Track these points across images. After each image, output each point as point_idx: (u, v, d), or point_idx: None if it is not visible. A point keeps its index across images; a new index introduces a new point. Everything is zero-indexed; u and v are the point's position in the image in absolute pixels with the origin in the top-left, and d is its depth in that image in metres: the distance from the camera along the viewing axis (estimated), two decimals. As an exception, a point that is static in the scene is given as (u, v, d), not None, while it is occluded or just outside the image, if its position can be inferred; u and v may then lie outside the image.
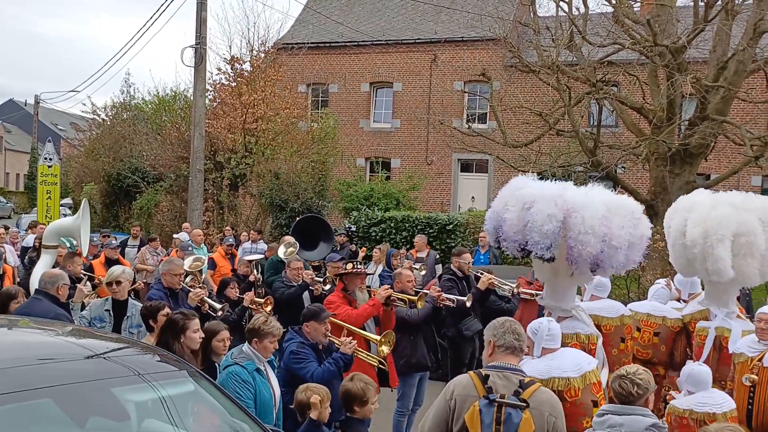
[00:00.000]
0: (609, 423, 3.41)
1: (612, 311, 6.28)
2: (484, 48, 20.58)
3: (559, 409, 3.39)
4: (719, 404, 4.49)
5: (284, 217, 16.31)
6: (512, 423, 3.28)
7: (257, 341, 4.70)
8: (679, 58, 12.35)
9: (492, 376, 3.43)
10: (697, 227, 5.50)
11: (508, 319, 3.69)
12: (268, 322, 4.77)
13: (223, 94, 19.36)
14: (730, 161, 16.59)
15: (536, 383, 3.42)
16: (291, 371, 5.16)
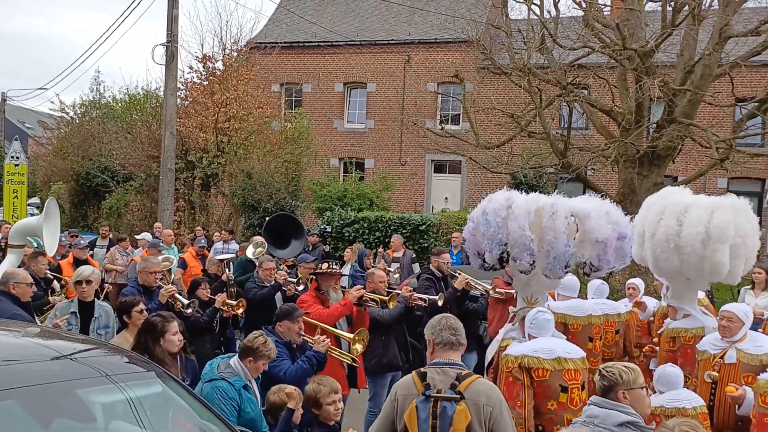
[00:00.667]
0: (588, 413, 3.51)
1: (580, 311, 6.39)
2: (458, 50, 20.74)
3: (496, 399, 3.41)
4: (688, 400, 4.61)
5: (257, 217, 16.22)
6: (447, 416, 3.34)
7: (251, 361, 4.62)
8: (647, 61, 12.56)
9: (430, 372, 3.51)
10: (696, 229, 5.55)
11: (445, 316, 3.72)
12: (267, 343, 4.66)
13: (194, 92, 19.18)
14: (697, 164, 16.95)
15: (473, 375, 3.45)
16: (265, 371, 5.15)
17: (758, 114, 14.11)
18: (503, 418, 3.40)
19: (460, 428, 3.32)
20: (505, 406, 3.46)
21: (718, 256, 5.50)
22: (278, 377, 5.00)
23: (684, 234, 5.60)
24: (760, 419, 3.81)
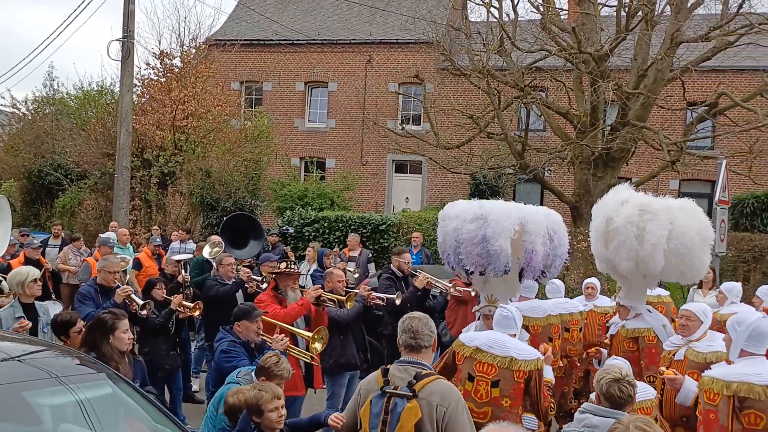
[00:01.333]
0: (585, 423, 3.52)
1: (539, 311, 6.49)
2: (418, 50, 20.86)
3: (451, 399, 3.39)
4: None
5: (215, 217, 16.02)
6: (396, 412, 3.38)
7: (264, 380, 4.49)
8: (602, 65, 12.85)
9: (393, 370, 3.56)
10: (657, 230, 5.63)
11: (408, 317, 3.73)
12: (280, 363, 4.52)
13: (151, 89, 18.83)
14: (649, 166, 17.38)
15: (433, 375, 3.48)
16: (222, 371, 5.07)
17: (708, 118, 14.58)
18: (458, 419, 3.37)
19: (407, 426, 3.33)
20: (463, 406, 3.44)
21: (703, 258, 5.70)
22: None
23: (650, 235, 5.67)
24: (705, 415, 3.89)
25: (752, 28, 12.28)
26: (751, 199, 16.23)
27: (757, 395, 3.66)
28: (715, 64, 15.26)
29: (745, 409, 3.69)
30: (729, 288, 7.25)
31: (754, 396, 3.67)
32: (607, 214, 5.93)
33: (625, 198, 5.96)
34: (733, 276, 12.50)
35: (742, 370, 3.80)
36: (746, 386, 3.69)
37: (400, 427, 3.35)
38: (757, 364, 3.83)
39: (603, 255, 6.07)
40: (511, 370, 4.54)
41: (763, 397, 3.65)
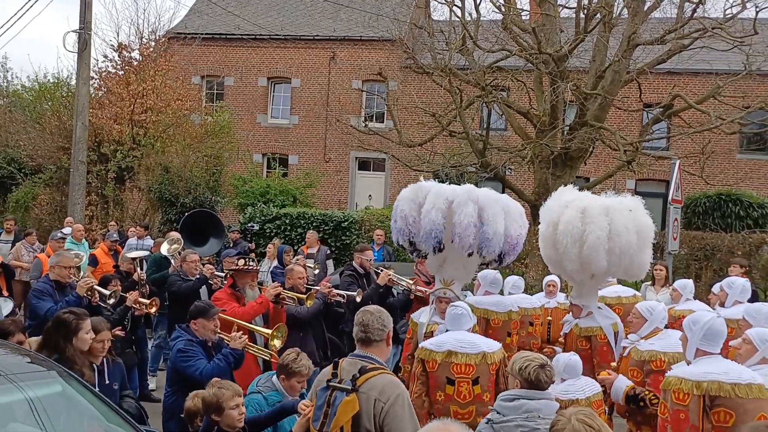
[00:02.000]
0: (525, 408, 3.55)
1: (501, 306, 6.61)
2: (382, 48, 20.87)
3: (391, 394, 3.39)
4: (581, 389, 4.83)
5: (174, 213, 15.79)
6: (335, 404, 3.41)
7: (284, 378, 4.47)
8: (561, 66, 13.06)
9: (344, 363, 3.57)
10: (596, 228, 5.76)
11: (362, 310, 3.75)
12: (298, 360, 4.46)
13: (109, 82, 18.44)
14: (607, 166, 17.74)
15: (378, 370, 3.48)
16: (178, 370, 5.01)
17: (663, 119, 14.95)
18: (396, 414, 3.35)
19: (343, 419, 3.34)
20: (403, 402, 3.41)
21: (642, 255, 5.82)
22: (194, 377, 4.86)
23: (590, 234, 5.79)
24: (675, 415, 3.91)
25: (706, 32, 12.62)
26: (703, 198, 16.70)
27: (727, 393, 3.71)
28: (671, 66, 15.64)
29: (715, 407, 3.72)
30: (682, 285, 7.44)
31: (724, 394, 3.72)
32: (552, 218, 6.06)
33: (567, 201, 6.10)
34: (685, 273, 12.86)
35: (707, 369, 3.85)
36: (716, 385, 3.74)
37: (336, 420, 3.37)
38: (720, 363, 3.91)
39: (552, 258, 6.21)
40: (486, 364, 4.77)
41: (732, 395, 3.71)
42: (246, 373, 5.61)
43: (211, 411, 3.94)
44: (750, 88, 14.55)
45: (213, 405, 3.93)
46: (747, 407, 3.69)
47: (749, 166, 20.66)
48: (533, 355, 3.90)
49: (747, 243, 13.51)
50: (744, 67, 13.14)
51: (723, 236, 13.80)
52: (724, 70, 15.03)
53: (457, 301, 5.55)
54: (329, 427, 3.38)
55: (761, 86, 14.72)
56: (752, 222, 15.99)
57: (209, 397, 3.96)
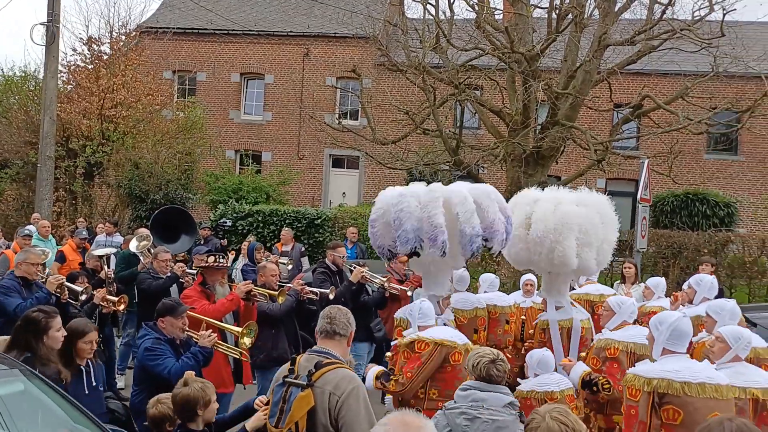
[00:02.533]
0: (472, 398, 3.62)
1: (467, 304, 6.66)
2: (356, 45, 20.81)
3: (346, 388, 3.38)
4: (557, 383, 4.93)
5: (144, 209, 15.58)
6: (290, 400, 3.41)
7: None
8: (533, 65, 13.16)
9: (302, 359, 3.57)
10: (543, 222, 5.90)
11: (329, 307, 3.77)
12: None
13: (78, 76, 18.14)
14: (578, 164, 17.95)
15: (334, 364, 3.47)
16: (146, 369, 4.93)
17: (632, 119, 15.17)
18: (351, 407, 3.35)
19: (298, 414, 3.34)
20: (358, 395, 3.40)
21: (564, 244, 5.83)
22: (161, 376, 4.79)
23: (533, 227, 5.96)
24: (627, 411, 4.01)
25: (674, 33, 12.83)
26: (671, 197, 17.02)
27: (675, 391, 3.77)
28: (640, 67, 15.88)
29: (664, 404, 3.79)
30: (655, 283, 7.57)
31: (673, 392, 3.78)
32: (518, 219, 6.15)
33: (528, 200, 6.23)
34: (653, 271, 13.09)
35: (662, 367, 3.92)
36: (665, 382, 3.80)
37: (290, 416, 3.37)
38: (677, 361, 3.96)
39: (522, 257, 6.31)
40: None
41: (681, 393, 3.76)
42: (216, 371, 5.56)
43: (196, 407, 3.89)
44: (717, 90, 14.84)
45: (200, 400, 3.89)
46: (697, 406, 3.73)
47: (716, 166, 21.09)
48: (485, 350, 3.97)
49: (713, 241, 13.80)
50: (711, 68, 13.39)
51: (690, 234, 14.07)
52: (692, 71, 15.31)
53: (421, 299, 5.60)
54: (284, 423, 3.38)
55: (728, 87, 15.02)
56: (718, 221, 16.36)
57: (195, 392, 3.91)
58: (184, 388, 3.96)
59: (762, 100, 13.11)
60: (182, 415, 3.93)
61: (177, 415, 3.96)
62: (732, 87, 14.87)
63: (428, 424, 2.34)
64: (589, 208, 6.05)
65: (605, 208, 6.16)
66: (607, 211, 6.16)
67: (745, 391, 4.09)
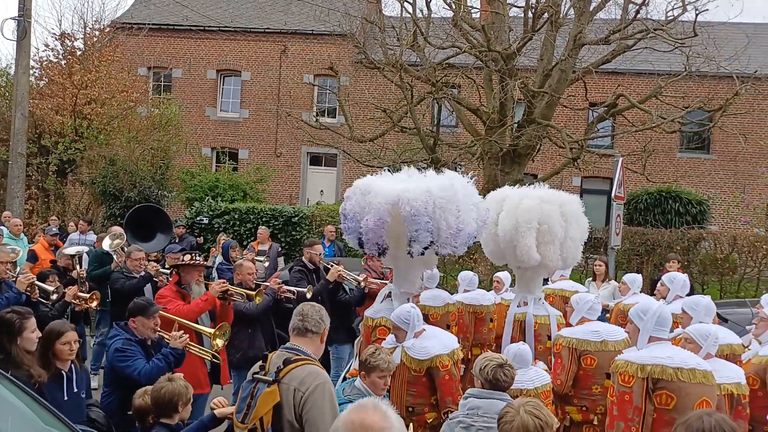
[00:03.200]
0: (469, 406, 3.64)
1: (438, 300, 6.70)
2: (333, 42, 20.76)
3: (311, 384, 3.37)
4: (531, 380, 4.89)
5: (119, 207, 15.38)
6: (256, 397, 3.41)
7: (364, 375, 4.15)
8: (510, 64, 13.25)
9: (274, 356, 3.55)
10: (508, 218, 6.01)
11: (303, 303, 3.76)
12: (376, 354, 4.13)
13: (51, 72, 17.84)
14: (554, 163, 18.11)
15: (302, 361, 3.46)
16: (116, 370, 4.85)
17: (607, 118, 15.35)
18: (315, 402, 3.34)
19: (262, 410, 3.34)
20: (323, 390, 3.39)
21: (523, 241, 5.92)
22: (131, 377, 4.72)
23: (499, 223, 6.07)
24: (620, 397, 4.06)
25: (648, 33, 13.01)
26: (644, 195, 17.26)
27: (669, 377, 3.88)
28: (615, 66, 16.07)
29: (658, 390, 3.90)
30: (631, 279, 7.67)
31: (667, 377, 3.89)
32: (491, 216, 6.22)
33: (498, 198, 6.33)
34: (627, 268, 13.27)
35: (654, 354, 4.01)
36: (659, 368, 3.90)
37: (255, 411, 3.36)
38: (667, 348, 4.08)
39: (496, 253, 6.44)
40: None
41: (675, 378, 3.88)
42: (193, 372, 5.47)
43: (179, 403, 3.90)
44: (690, 89, 15.07)
45: (183, 397, 3.91)
46: (689, 391, 3.86)
47: (689, 164, 21.43)
48: (493, 355, 3.98)
49: (686, 238, 14.03)
50: (684, 68, 13.60)
51: (663, 232, 14.28)
52: (666, 71, 15.54)
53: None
54: (249, 419, 3.38)
55: (700, 87, 15.25)
56: (691, 218, 16.62)
57: (180, 389, 3.90)
58: (169, 384, 3.95)
59: (733, 100, 13.35)
60: (162, 409, 3.92)
61: (156, 410, 3.95)
62: (704, 86, 15.09)
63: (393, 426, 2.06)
64: (552, 204, 6.12)
65: (570, 205, 6.22)
66: (570, 208, 6.20)
67: (720, 387, 4.18)
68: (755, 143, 17.86)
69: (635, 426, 3.91)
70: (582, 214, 6.31)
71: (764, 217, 17.23)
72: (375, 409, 2.08)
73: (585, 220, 6.36)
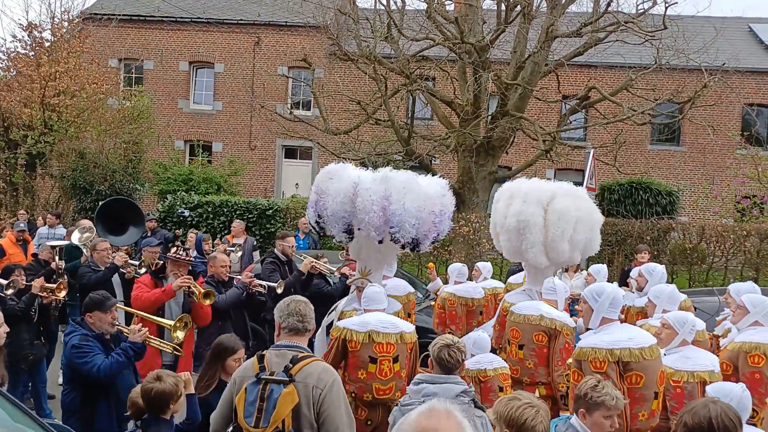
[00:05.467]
0: (424, 392, 3.64)
1: (399, 290, 6.81)
2: (307, 34, 20.62)
3: (327, 380, 3.39)
4: (490, 362, 5.22)
5: (89, 201, 15.19)
6: (273, 398, 3.32)
7: (584, 413, 3.46)
8: (483, 56, 13.29)
9: (269, 354, 3.49)
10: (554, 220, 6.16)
11: (294, 299, 3.70)
12: (599, 388, 3.43)
13: (18, 64, 17.48)
14: (527, 155, 18.24)
15: (309, 358, 3.46)
16: (74, 367, 4.71)
17: (579, 110, 15.50)
18: (333, 401, 3.36)
19: (284, 411, 3.27)
20: (339, 388, 3.42)
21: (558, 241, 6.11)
22: (90, 374, 4.60)
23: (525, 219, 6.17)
24: None
25: (619, 25, 13.14)
26: (615, 186, 17.49)
27: (636, 358, 4.07)
28: (587, 59, 16.22)
29: (628, 371, 4.07)
30: (596, 270, 7.81)
31: (634, 359, 4.07)
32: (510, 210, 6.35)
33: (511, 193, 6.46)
34: (598, 259, 13.42)
35: (615, 338, 4.16)
36: (627, 351, 4.07)
37: (276, 413, 3.27)
38: (623, 330, 4.28)
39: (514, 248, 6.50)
40: (404, 343, 4.97)
41: (640, 358, 4.07)
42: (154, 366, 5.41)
43: (169, 401, 3.90)
44: (660, 82, 15.27)
45: (174, 394, 3.90)
46: (652, 367, 4.09)
47: (659, 156, 21.75)
48: (445, 337, 4.04)
49: (656, 229, 14.25)
50: (654, 60, 13.77)
51: (633, 222, 14.49)
52: (637, 63, 15.73)
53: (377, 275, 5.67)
54: (267, 423, 3.28)
55: (670, 79, 15.46)
56: (661, 209, 16.90)
57: (170, 387, 3.88)
58: (158, 383, 3.91)
59: (702, 92, 13.57)
60: (153, 408, 3.92)
61: (147, 408, 3.94)
62: (674, 79, 15.31)
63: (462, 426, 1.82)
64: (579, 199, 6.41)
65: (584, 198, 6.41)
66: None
67: (693, 375, 4.32)
68: (723, 135, 18.17)
69: None
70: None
71: (732, 207, 17.59)
72: (448, 415, 1.83)
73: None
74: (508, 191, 6.56)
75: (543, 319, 5.36)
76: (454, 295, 7.14)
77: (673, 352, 4.42)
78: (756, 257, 13.87)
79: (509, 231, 6.28)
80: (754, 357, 4.42)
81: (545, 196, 6.28)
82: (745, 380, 4.25)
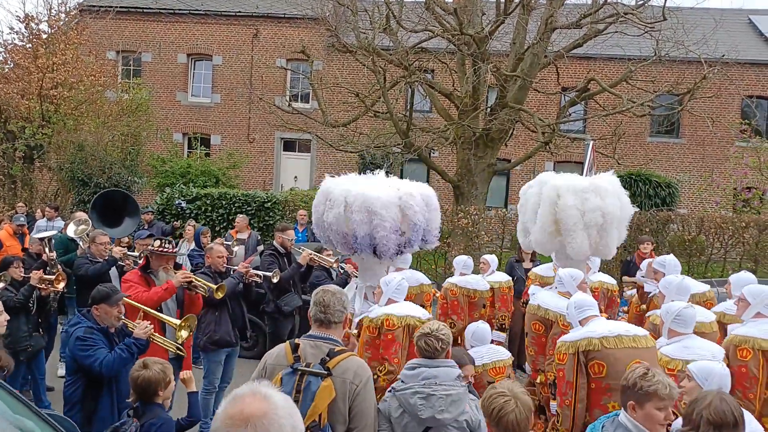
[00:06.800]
0: (423, 375, 3.60)
1: (412, 281, 6.75)
2: (306, 26, 20.55)
3: (363, 376, 3.39)
4: (480, 357, 5.21)
5: (87, 193, 15.13)
6: (310, 390, 3.29)
7: (635, 406, 3.13)
8: (482, 47, 13.25)
9: (303, 345, 3.44)
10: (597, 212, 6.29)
11: (322, 289, 3.62)
12: (649, 376, 3.11)
13: (16, 55, 17.40)
14: (526, 147, 18.22)
15: (346, 352, 3.43)
16: (77, 359, 4.67)
17: (578, 102, 15.45)
18: (366, 397, 3.37)
19: (322, 405, 3.25)
20: (372, 385, 3.44)
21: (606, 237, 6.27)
22: (92, 368, 4.58)
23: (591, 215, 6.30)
24: (558, 374, 4.42)
25: (619, 17, 13.10)
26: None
27: (595, 347, 4.20)
28: (586, 51, 16.17)
29: (590, 361, 4.21)
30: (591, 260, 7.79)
31: (593, 348, 4.20)
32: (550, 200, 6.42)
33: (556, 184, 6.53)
34: (598, 251, 13.42)
35: (583, 330, 4.37)
36: (586, 341, 4.23)
37: (314, 407, 3.23)
38: (597, 323, 4.41)
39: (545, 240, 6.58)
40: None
41: (600, 347, 4.18)
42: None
43: (159, 387, 3.92)
44: (659, 74, 15.24)
45: (162, 381, 3.91)
46: (617, 356, 4.14)
47: (658, 148, 21.73)
48: (430, 324, 3.98)
49: (655, 220, 14.24)
50: (654, 52, 13.73)
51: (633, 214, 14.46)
52: (636, 55, 15.67)
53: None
54: (303, 415, 3.19)
55: (669, 71, 15.42)
56: (660, 201, 16.87)
57: (156, 375, 3.88)
58: (144, 371, 3.90)
59: (701, 84, 13.54)
60: (142, 395, 3.92)
61: (137, 395, 3.94)
62: (673, 71, 15.27)
63: (277, 406, 1.76)
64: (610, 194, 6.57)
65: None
66: None
67: (687, 363, 4.28)
68: (722, 127, 18.15)
69: (569, 399, 4.22)
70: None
71: (731, 198, 17.58)
72: (253, 395, 1.77)
73: None
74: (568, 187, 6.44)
75: (539, 309, 5.58)
76: (456, 286, 7.13)
77: (675, 341, 4.42)
78: (755, 249, 13.88)
79: (589, 227, 6.29)
80: (742, 351, 4.44)
81: (604, 189, 6.43)
82: (732, 373, 4.26)
